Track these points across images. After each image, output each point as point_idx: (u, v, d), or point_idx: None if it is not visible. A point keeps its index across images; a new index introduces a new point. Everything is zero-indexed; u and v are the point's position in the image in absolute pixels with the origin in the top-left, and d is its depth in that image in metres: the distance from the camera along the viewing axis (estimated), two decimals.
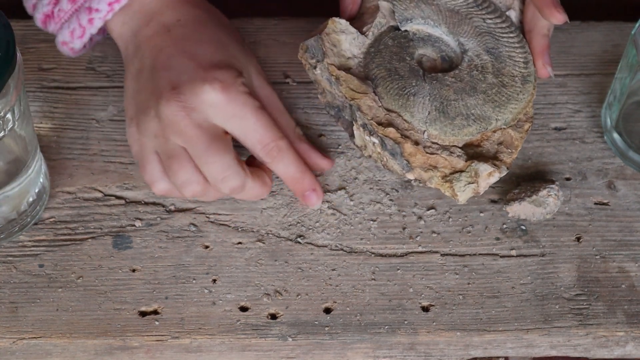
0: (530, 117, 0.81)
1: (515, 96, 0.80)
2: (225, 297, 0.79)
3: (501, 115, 0.79)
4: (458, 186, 0.78)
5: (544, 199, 0.82)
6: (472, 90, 0.79)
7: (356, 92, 0.78)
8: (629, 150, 0.85)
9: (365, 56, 0.80)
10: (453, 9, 0.82)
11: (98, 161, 0.84)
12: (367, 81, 0.79)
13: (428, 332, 0.78)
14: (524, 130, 0.80)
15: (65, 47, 0.83)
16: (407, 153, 0.77)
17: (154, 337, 0.77)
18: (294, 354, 0.78)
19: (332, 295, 0.79)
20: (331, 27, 0.80)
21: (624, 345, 0.79)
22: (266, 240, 0.81)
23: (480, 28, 0.81)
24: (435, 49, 0.81)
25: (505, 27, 0.82)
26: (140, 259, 0.80)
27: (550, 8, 0.78)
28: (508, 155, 0.79)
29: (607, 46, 0.92)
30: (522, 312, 0.79)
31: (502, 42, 0.81)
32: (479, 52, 0.81)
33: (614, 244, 0.82)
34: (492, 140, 0.79)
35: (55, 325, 0.77)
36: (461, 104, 0.79)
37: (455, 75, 0.80)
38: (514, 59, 0.81)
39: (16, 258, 0.80)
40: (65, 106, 0.87)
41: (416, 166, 0.77)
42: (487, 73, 0.80)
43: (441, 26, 0.81)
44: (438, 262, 0.81)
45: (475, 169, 0.77)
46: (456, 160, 0.78)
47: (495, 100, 0.79)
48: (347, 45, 0.80)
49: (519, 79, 0.80)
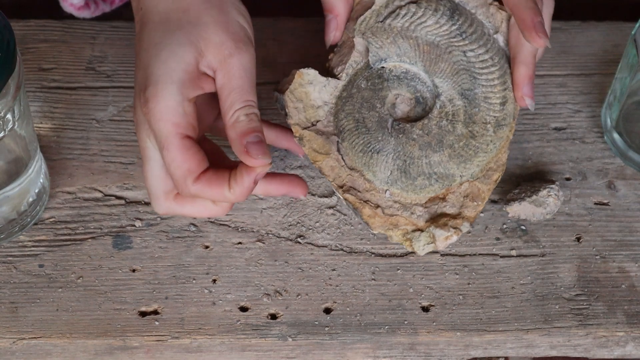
0: (503, 164, 0.79)
1: (484, 147, 0.78)
2: (225, 297, 0.79)
3: (466, 172, 0.78)
4: (417, 245, 0.77)
5: (544, 199, 0.82)
6: (438, 144, 0.77)
7: (318, 154, 0.77)
8: (629, 150, 0.85)
9: (337, 101, 0.78)
10: (433, 42, 0.78)
11: (98, 161, 0.84)
12: (332, 137, 0.77)
13: (428, 332, 0.78)
14: (493, 180, 0.78)
15: (65, 4, 0.83)
16: (365, 216, 0.77)
17: (154, 337, 0.77)
18: (294, 354, 0.78)
19: (332, 295, 0.79)
20: (297, 81, 0.77)
21: (624, 345, 0.79)
22: (266, 240, 0.81)
23: (459, 64, 0.78)
24: (411, 88, 0.78)
25: (488, 60, 0.78)
26: (140, 259, 0.80)
27: (530, 31, 0.74)
28: (473, 209, 0.78)
29: (607, 46, 0.92)
30: (522, 312, 0.79)
31: (479, 80, 0.78)
32: (452, 96, 0.78)
33: (614, 244, 0.82)
34: (457, 193, 0.78)
35: (55, 325, 0.77)
36: (424, 162, 0.77)
37: (423, 126, 0.77)
38: (489, 101, 0.78)
39: (16, 258, 0.80)
40: (65, 106, 0.87)
41: (376, 227, 0.77)
42: (457, 122, 0.78)
43: (417, 64, 0.78)
44: (438, 262, 0.81)
45: (433, 233, 0.77)
46: (416, 219, 0.77)
47: (462, 155, 0.77)
48: (317, 94, 0.78)
49: (492, 125, 0.78)
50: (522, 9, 0.75)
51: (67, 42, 0.90)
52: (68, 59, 0.89)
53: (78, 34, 0.91)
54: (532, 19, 0.74)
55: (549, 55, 0.92)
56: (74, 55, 0.90)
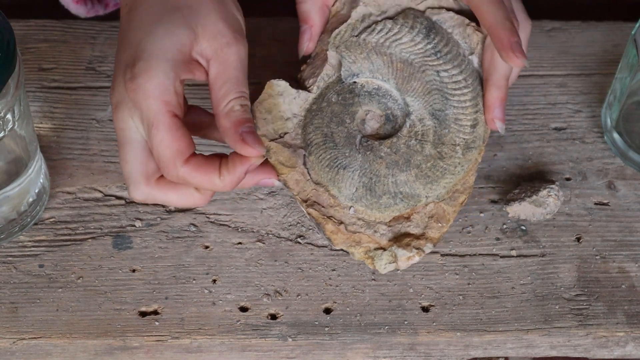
0: (470, 186, 0.78)
1: (452, 169, 0.77)
2: (225, 297, 0.79)
3: (432, 192, 0.77)
4: (379, 264, 0.77)
5: (544, 199, 0.82)
6: (405, 164, 0.76)
7: (284, 166, 0.76)
8: (629, 150, 0.85)
9: (306, 114, 0.77)
10: (407, 60, 0.77)
11: (98, 161, 0.84)
12: (299, 150, 0.77)
13: (428, 333, 0.78)
14: (459, 203, 0.78)
15: None
16: (328, 232, 0.77)
17: (154, 337, 0.77)
18: (294, 354, 0.78)
19: (332, 295, 0.79)
20: (267, 92, 0.76)
21: (624, 345, 0.79)
22: (266, 240, 0.81)
23: (432, 84, 0.77)
24: (381, 105, 0.78)
25: (461, 81, 0.77)
26: (140, 259, 0.80)
27: (507, 51, 0.74)
28: (437, 230, 0.77)
29: (607, 46, 0.92)
30: (522, 312, 0.79)
31: (451, 102, 0.77)
32: (423, 116, 0.77)
33: (614, 244, 0.82)
34: (422, 214, 0.77)
35: (55, 325, 0.77)
36: (390, 181, 0.76)
37: (391, 144, 0.77)
38: (460, 123, 0.77)
39: (16, 258, 0.80)
40: (65, 106, 0.87)
41: (338, 243, 0.77)
42: (426, 142, 0.77)
43: (390, 81, 0.78)
44: (438, 262, 0.81)
45: (395, 252, 0.77)
46: (379, 238, 0.77)
47: (429, 175, 0.77)
48: (287, 105, 0.77)
49: (461, 147, 0.77)
50: (499, 28, 0.74)
51: (67, 42, 0.90)
52: (68, 59, 0.89)
53: (78, 34, 0.91)
54: (509, 38, 0.73)
55: (549, 55, 0.92)
56: (74, 55, 0.90)
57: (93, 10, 0.87)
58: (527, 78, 0.91)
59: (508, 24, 0.74)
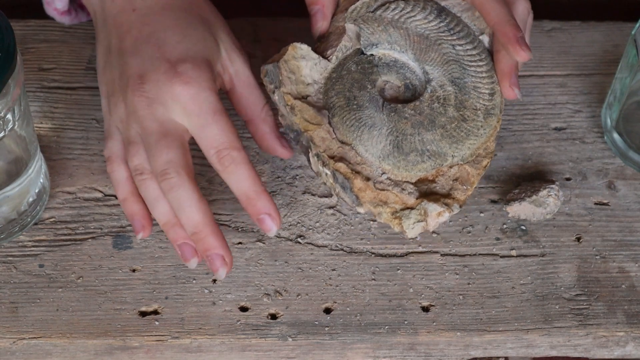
0: (491, 152, 0.79)
1: (475, 131, 0.78)
2: (225, 297, 0.79)
3: (458, 152, 0.78)
4: (407, 223, 0.77)
5: (544, 199, 0.82)
6: (430, 124, 0.77)
7: (310, 123, 0.77)
8: (629, 150, 0.85)
9: (326, 82, 0.79)
10: (422, 34, 0.79)
11: (98, 161, 0.84)
12: (323, 111, 0.77)
13: (428, 332, 0.78)
14: (482, 166, 0.78)
15: (50, 8, 0.86)
16: (356, 188, 0.77)
17: (154, 337, 0.77)
18: (294, 354, 0.78)
19: (332, 295, 0.79)
20: (291, 54, 0.78)
21: (624, 345, 0.79)
22: (266, 240, 0.81)
23: (448, 55, 0.79)
24: (400, 75, 0.79)
25: (475, 55, 0.79)
26: (140, 259, 0.80)
27: (514, 45, 0.77)
28: (462, 192, 0.78)
29: (607, 46, 0.92)
30: (522, 312, 0.79)
31: (468, 71, 0.79)
32: (443, 83, 0.79)
33: (614, 244, 0.82)
34: (447, 176, 0.78)
35: (55, 325, 0.77)
36: (417, 139, 0.77)
37: (415, 107, 0.78)
38: (479, 91, 0.79)
39: (16, 258, 0.80)
40: (65, 106, 0.87)
41: (365, 201, 0.77)
42: (448, 106, 0.78)
43: (407, 52, 0.79)
44: (438, 262, 0.81)
45: (425, 208, 0.76)
46: (407, 197, 0.77)
47: (454, 135, 0.78)
48: (308, 70, 0.78)
49: (482, 112, 0.78)
50: (505, 25, 0.78)
51: (67, 42, 0.90)
52: (68, 59, 0.89)
53: (78, 34, 0.91)
54: (515, 34, 0.77)
55: (549, 55, 0.92)
56: (74, 55, 0.90)
57: (76, 18, 0.88)
58: (527, 78, 0.91)
59: (512, 20, 0.78)
